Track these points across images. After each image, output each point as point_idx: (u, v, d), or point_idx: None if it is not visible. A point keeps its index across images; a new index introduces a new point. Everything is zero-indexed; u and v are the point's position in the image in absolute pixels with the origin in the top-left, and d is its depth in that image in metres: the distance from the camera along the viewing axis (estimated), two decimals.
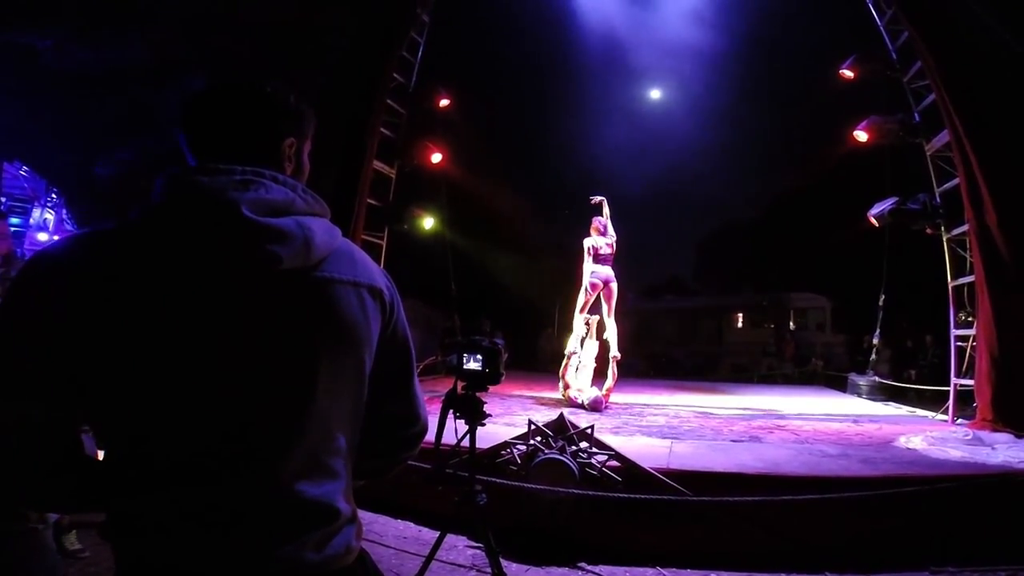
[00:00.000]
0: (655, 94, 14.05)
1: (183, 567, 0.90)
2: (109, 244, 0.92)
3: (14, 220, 13.85)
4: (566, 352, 8.05)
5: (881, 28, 8.23)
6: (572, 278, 8.26)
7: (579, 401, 7.47)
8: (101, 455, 0.95)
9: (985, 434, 5.64)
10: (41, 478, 0.91)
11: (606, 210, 8.15)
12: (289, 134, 1.09)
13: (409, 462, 1.29)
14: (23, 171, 14.21)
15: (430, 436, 1.85)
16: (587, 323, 8.08)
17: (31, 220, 14.71)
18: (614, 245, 8.01)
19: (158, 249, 0.90)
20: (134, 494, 0.90)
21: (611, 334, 7.89)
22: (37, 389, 0.87)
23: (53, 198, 15.04)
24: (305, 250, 0.96)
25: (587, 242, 8.03)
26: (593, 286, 7.86)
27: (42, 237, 14.37)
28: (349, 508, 1.03)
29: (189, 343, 0.90)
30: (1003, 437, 5.45)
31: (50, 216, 15.08)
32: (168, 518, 0.90)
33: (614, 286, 7.91)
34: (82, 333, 0.87)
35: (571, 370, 7.95)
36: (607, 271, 7.92)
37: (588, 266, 7.96)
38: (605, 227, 8.04)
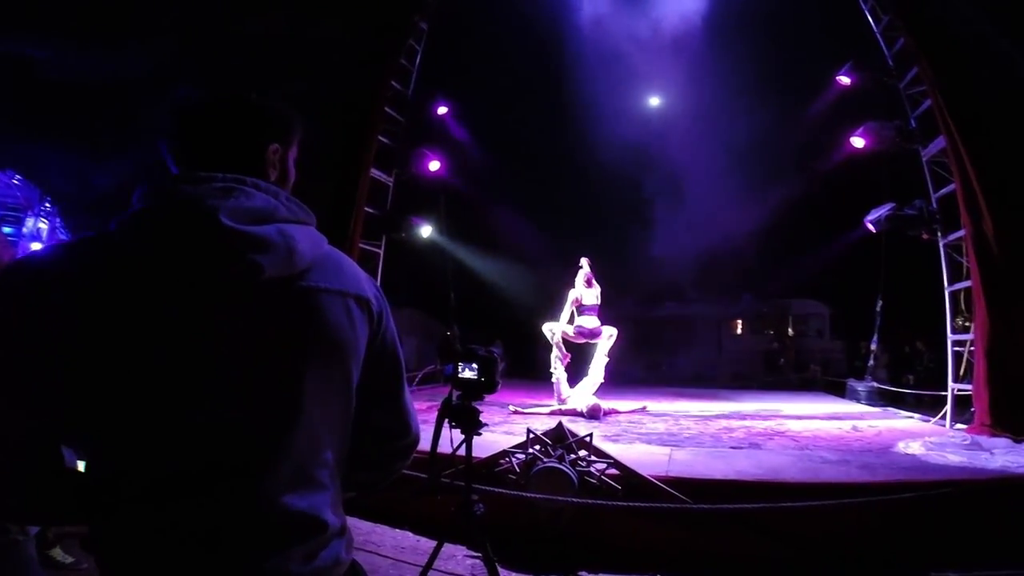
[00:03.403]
0: (654, 101, 14.09)
1: None
2: (87, 253, 0.91)
3: (6, 229, 13.81)
4: (554, 378, 8.24)
5: (877, 34, 8.29)
6: (573, 286, 8.34)
7: (578, 410, 7.47)
8: (82, 466, 0.94)
9: (983, 438, 5.64)
10: (21, 491, 0.91)
11: (587, 268, 8.32)
12: (273, 140, 1.07)
13: (405, 472, 1.27)
14: (16, 180, 14.14)
15: (424, 445, 1.85)
16: (553, 332, 8.25)
17: (24, 229, 14.62)
18: (599, 297, 8.23)
19: (136, 258, 0.89)
20: (117, 507, 0.89)
21: (600, 361, 8.10)
22: (15, 400, 0.86)
23: (47, 207, 14.95)
24: (288, 259, 0.94)
25: (572, 293, 8.24)
26: (578, 334, 8.11)
27: (36, 247, 14.30)
28: (338, 521, 1.02)
29: (168, 354, 0.89)
30: (1001, 441, 5.44)
31: (44, 225, 14.99)
32: (152, 531, 0.88)
33: (603, 332, 8.11)
34: (60, 343, 0.86)
35: (563, 388, 8.14)
36: (593, 322, 8.12)
37: (573, 316, 8.19)
38: (590, 280, 8.24)
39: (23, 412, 0.87)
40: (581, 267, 8.31)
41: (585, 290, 8.16)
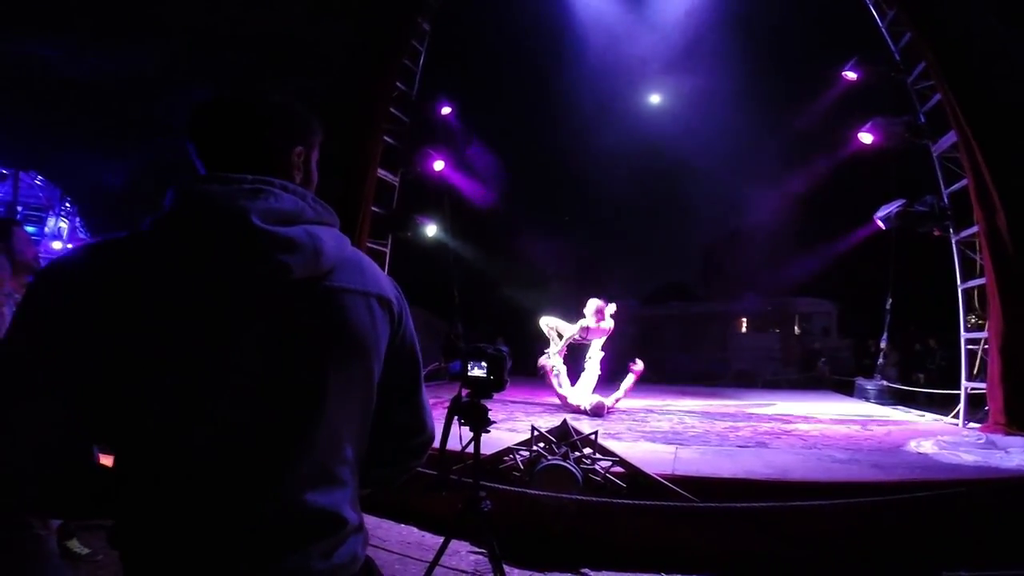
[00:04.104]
0: (657, 98, 14.03)
1: None
2: (121, 252, 0.92)
3: (29, 228, 13.94)
4: (553, 372, 8.15)
5: (883, 29, 8.21)
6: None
7: (582, 408, 7.42)
8: (109, 460, 0.95)
9: (998, 437, 5.56)
10: (51, 484, 0.91)
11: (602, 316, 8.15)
12: (298, 143, 1.09)
13: (417, 468, 1.29)
14: (38, 180, 14.32)
15: (435, 442, 1.82)
16: (550, 327, 8.21)
17: (46, 229, 14.83)
18: (609, 331, 8.05)
19: (169, 258, 0.90)
20: (142, 502, 0.91)
21: (596, 356, 8.04)
22: (49, 396, 0.87)
23: (67, 207, 15.16)
24: (315, 259, 0.96)
25: (582, 322, 8.02)
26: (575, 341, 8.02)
27: (56, 246, 14.48)
28: (356, 517, 1.04)
29: (198, 352, 0.90)
30: (1017, 440, 5.36)
31: (64, 225, 15.20)
32: (175, 527, 0.90)
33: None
34: (94, 341, 0.87)
35: (563, 382, 8.04)
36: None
37: (569, 335, 8.06)
38: (602, 311, 8.04)
39: (56, 410, 0.87)
40: (600, 311, 8.01)
41: (597, 323, 7.95)
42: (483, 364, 2.68)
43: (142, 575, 0.91)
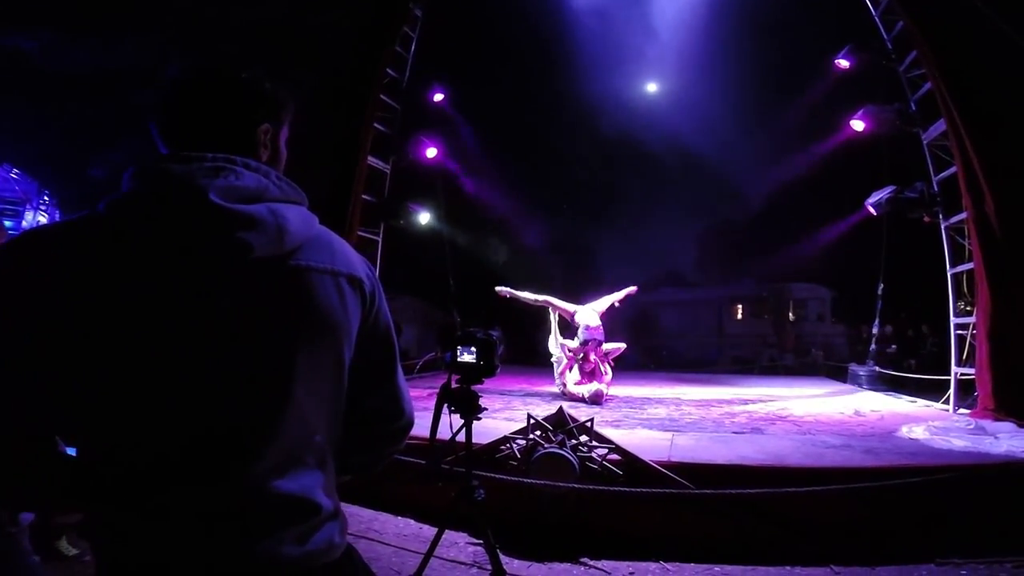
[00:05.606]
0: (651, 87, 13.98)
1: (161, 566, 0.88)
2: (74, 235, 0.89)
3: (6, 223, 13.74)
4: (554, 359, 8.22)
5: (876, 18, 8.20)
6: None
7: (579, 395, 7.44)
8: (74, 452, 0.93)
9: (988, 423, 5.61)
10: (11, 477, 0.89)
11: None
12: (264, 120, 1.06)
13: (405, 458, 1.27)
14: (14, 173, 14.10)
15: (423, 431, 1.80)
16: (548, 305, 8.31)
17: (23, 223, 14.62)
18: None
19: (124, 238, 0.87)
20: (109, 493, 0.88)
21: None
22: (8, 384, 0.84)
23: (46, 200, 14.94)
24: (278, 238, 0.93)
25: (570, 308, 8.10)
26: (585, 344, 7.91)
27: None
28: (331, 503, 1.00)
29: (157, 336, 0.87)
30: (1006, 426, 5.41)
31: (43, 219, 14.97)
32: (144, 517, 0.88)
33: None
34: (47, 327, 0.84)
35: (564, 368, 8.05)
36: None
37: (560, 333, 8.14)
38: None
39: (13, 396, 0.85)
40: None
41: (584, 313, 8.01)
42: (472, 349, 2.63)
43: (114, 566, 0.89)
